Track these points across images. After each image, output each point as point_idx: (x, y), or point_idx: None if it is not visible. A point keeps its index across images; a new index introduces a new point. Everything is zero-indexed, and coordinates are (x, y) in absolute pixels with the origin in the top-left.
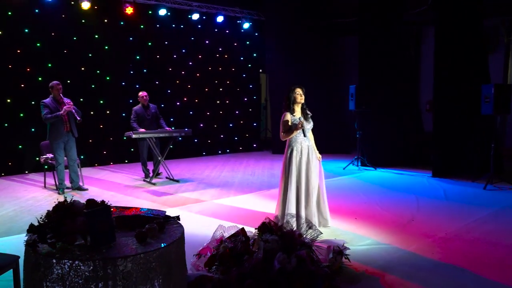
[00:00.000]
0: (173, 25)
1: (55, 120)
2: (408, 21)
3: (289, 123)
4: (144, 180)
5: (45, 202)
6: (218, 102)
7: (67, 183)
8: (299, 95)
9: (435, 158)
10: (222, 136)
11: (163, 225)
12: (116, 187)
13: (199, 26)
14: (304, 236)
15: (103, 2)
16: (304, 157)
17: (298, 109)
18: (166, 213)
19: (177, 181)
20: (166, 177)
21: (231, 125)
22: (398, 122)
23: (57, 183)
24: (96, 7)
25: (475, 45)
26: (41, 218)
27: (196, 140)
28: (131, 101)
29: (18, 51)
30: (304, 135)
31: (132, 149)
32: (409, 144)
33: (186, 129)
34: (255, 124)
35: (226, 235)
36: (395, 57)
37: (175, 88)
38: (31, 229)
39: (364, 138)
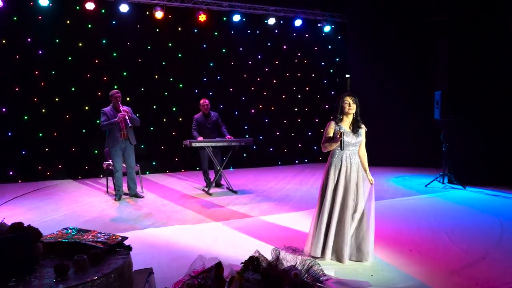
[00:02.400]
0: (248, 31)
1: (110, 128)
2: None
3: (331, 134)
4: (203, 190)
5: (97, 208)
6: (296, 109)
7: (126, 189)
8: (348, 105)
9: None
10: (300, 145)
11: (100, 256)
12: (173, 195)
13: (276, 31)
14: (303, 275)
15: (177, 10)
16: (342, 176)
17: (347, 119)
18: (122, 240)
19: (235, 192)
20: (227, 188)
21: (309, 133)
22: (493, 134)
23: (115, 190)
24: (169, 16)
25: None
26: None
27: (271, 149)
28: None
29: (96, 61)
30: (341, 148)
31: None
32: (507, 160)
33: (246, 138)
34: None
35: (208, 265)
36: (491, 62)
37: (250, 95)
38: None
39: (452, 151)
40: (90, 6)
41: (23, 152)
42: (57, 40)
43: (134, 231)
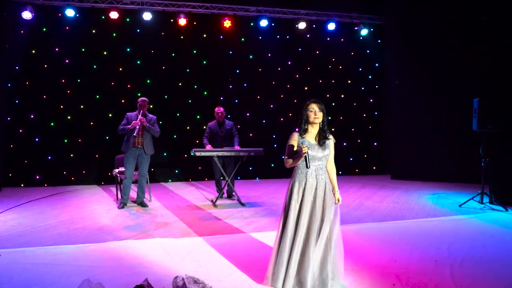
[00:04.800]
0: (278, 36)
1: (123, 133)
2: None
3: (295, 148)
4: (211, 201)
5: (95, 215)
6: (329, 118)
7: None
8: (313, 113)
9: None
10: None
11: None
12: (178, 205)
13: (308, 35)
14: None
15: (202, 17)
16: (308, 195)
17: (313, 130)
18: None
19: (243, 205)
20: (237, 199)
21: (344, 144)
22: None
23: (121, 197)
24: (194, 23)
25: None
26: None
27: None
28: (229, 116)
29: (120, 69)
30: (307, 166)
31: None
32: None
33: (256, 148)
34: (375, 144)
35: None
36: None
37: (279, 102)
38: None
39: (493, 167)
40: (114, 15)
41: (49, 158)
42: (83, 49)
43: (113, 241)
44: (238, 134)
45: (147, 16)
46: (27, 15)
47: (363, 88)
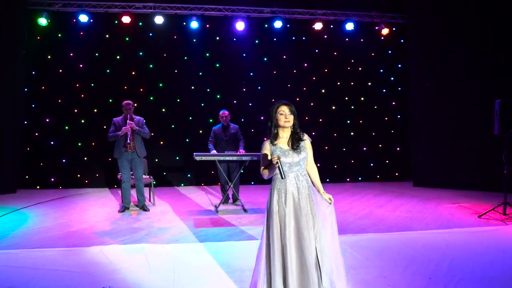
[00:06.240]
0: (293, 37)
1: (115, 139)
2: None
3: (269, 157)
4: (214, 206)
5: (93, 219)
6: (348, 121)
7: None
8: (283, 116)
9: None
10: (352, 161)
11: None
12: (179, 210)
13: (325, 36)
14: None
15: (214, 19)
16: (290, 206)
17: (284, 134)
18: None
19: (246, 211)
20: (241, 205)
21: (364, 149)
22: None
23: (122, 201)
24: (207, 25)
25: None
26: None
27: (318, 165)
28: (242, 120)
29: (133, 72)
30: (282, 177)
31: None
32: None
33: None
34: (398, 149)
35: None
36: None
37: (295, 106)
38: None
39: None
40: (126, 19)
41: (64, 160)
42: (96, 54)
43: (98, 246)
44: (243, 138)
45: (159, 19)
46: (42, 21)
47: (384, 91)
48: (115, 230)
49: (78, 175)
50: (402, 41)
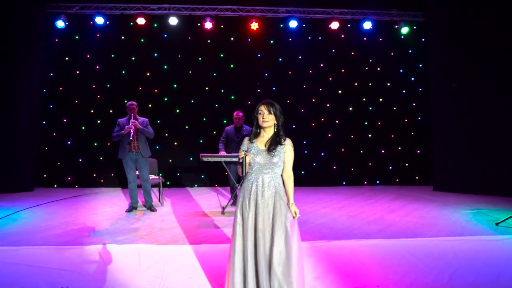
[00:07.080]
0: (309, 37)
1: (118, 139)
2: None
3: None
4: (222, 207)
5: (99, 218)
6: (366, 123)
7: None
8: (261, 116)
9: None
10: (370, 164)
11: None
12: (186, 211)
13: (342, 35)
14: None
15: (229, 20)
16: (252, 207)
17: (266, 134)
18: None
19: None
20: None
21: (382, 151)
22: None
23: (130, 201)
24: (221, 26)
25: None
26: None
27: (335, 167)
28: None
29: (148, 74)
30: (241, 173)
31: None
32: None
33: None
34: (418, 151)
35: None
36: None
37: (310, 107)
38: None
39: None
40: (141, 21)
41: (80, 160)
42: (112, 55)
43: (96, 245)
44: None
45: (173, 21)
46: (60, 24)
47: (404, 92)
48: (116, 230)
49: (94, 175)
50: (423, 40)
